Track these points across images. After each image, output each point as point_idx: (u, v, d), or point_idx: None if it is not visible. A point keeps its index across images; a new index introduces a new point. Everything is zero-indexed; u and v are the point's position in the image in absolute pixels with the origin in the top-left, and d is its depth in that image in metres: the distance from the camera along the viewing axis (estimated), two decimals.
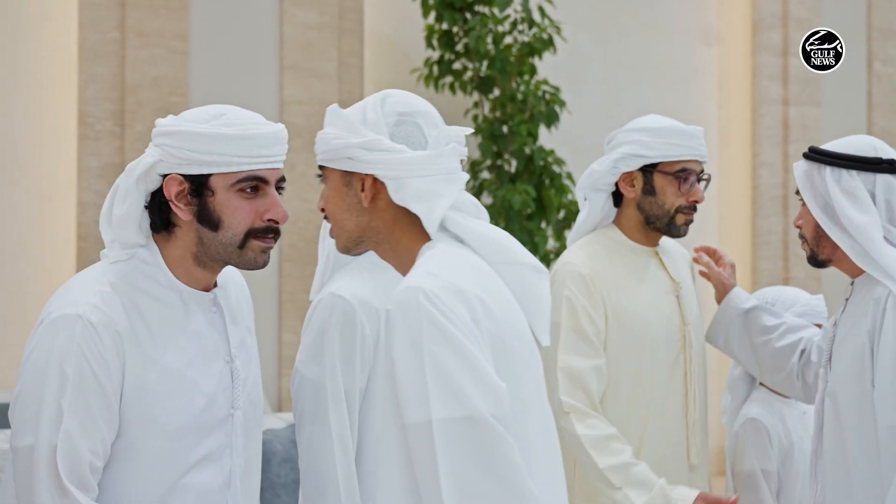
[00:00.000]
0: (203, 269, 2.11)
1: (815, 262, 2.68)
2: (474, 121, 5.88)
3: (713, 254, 3.02)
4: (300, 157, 5.38)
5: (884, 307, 2.45)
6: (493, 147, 5.72)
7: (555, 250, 5.79)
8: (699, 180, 2.85)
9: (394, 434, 1.74)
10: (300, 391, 2.37)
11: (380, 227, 1.93)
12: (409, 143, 1.91)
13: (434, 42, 5.81)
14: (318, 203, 1.99)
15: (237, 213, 2.05)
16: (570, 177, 5.81)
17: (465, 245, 1.90)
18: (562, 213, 5.81)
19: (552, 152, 5.75)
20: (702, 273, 3.03)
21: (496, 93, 5.85)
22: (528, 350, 1.87)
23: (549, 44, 5.78)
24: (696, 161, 2.84)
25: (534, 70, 5.80)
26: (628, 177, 2.84)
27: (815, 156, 2.60)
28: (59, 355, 1.96)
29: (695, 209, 2.85)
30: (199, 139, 2.01)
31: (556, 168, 5.77)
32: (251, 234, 2.07)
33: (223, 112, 2.07)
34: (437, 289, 1.75)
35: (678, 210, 2.83)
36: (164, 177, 2.05)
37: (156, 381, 2.02)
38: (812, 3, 7.06)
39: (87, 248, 5.06)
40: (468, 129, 1.96)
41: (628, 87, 6.71)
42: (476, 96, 5.94)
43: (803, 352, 2.86)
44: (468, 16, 5.78)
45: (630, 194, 2.85)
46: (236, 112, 2.08)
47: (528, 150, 5.67)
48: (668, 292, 2.88)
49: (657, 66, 6.85)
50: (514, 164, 5.78)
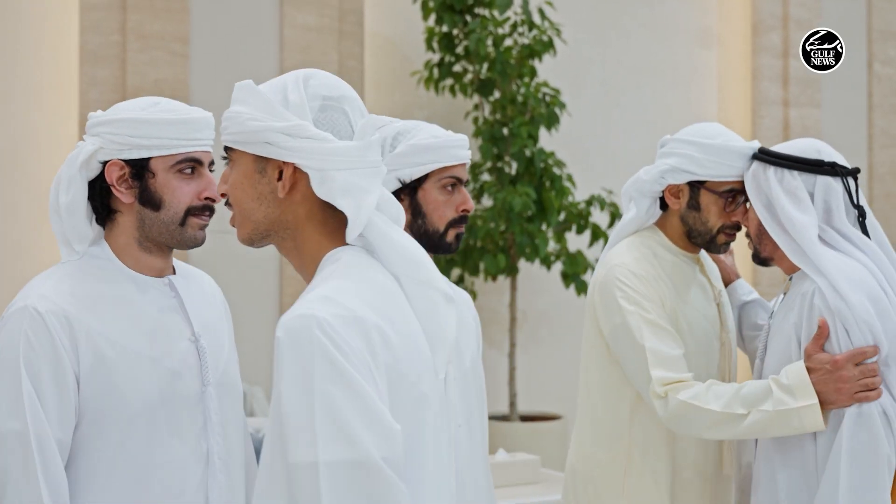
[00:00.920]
0: (149, 254, 2.21)
1: (758, 259, 2.73)
2: (474, 123, 5.88)
3: None
4: None
5: (810, 301, 2.50)
6: (494, 149, 5.73)
7: (555, 252, 5.79)
8: (746, 200, 2.76)
9: (278, 469, 1.59)
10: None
11: (290, 221, 1.77)
12: (335, 132, 1.76)
13: (434, 44, 5.81)
14: (218, 187, 1.85)
15: (177, 193, 2.17)
16: (570, 178, 5.81)
17: (373, 256, 1.76)
18: (562, 215, 5.82)
19: (552, 154, 5.76)
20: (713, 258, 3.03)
21: (496, 95, 5.85)
22: (429, 385, 1.72)
23: (549, 46, 5.79)
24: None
25: (534, 72, 5.80)
26: (675, 188, 2.77)
27: (763, 156, 2.66)
28: (9, 347, 2.07)
29: (738, 228, 2.79)
30: (140, 125, 2.14)
31: (556, 170, 5.78)
32: (190, 212, 2.18)
33: (157, 101, 2.20)
34: (332, 318, 1.60)
35: (720, 230, 2.76)
36: (105, 164, 2.17)
37: (115, 358, 2.10)
38: (812, 5, 7.07)
39: None
40: (393, 120, 1.80)
41: (628, 89, 6.71)
42: (476, 98, 5.95)
43: None
44: (468, 18, 5.79)
45: (675, 206, 2.79)
46: (168, 101, 2.21)
47: (528, 153, 5.68)
48: (711, 299, 2.86)
49: (657, 67, 6.86)
50: (514, 166, 5.79)
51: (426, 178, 2.49)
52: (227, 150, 1.79)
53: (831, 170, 2.61)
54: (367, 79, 5.89)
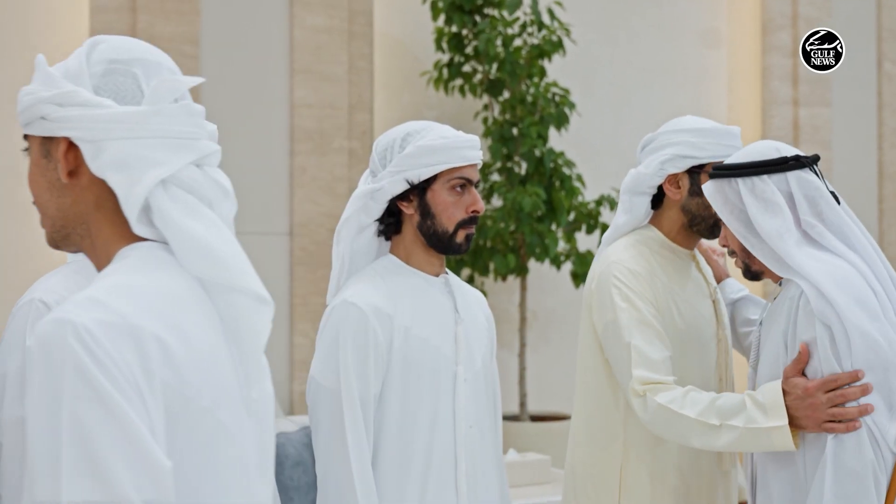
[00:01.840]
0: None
1: (750, 274, 2.66)
2: (484, 123, 5.89)
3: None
4: (310, 161, 5.40)
5: (797, 305, 2.45)
6: (503, 149, 5.73)
7: (565, 252, 5.80)
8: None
9: None
10: (316, 399, 2.39)
11: (84, 213, 1.49)
12: (118, 97, 1.49)
13: (444, 45, 5.82)
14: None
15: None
16: (580, 178, 5.81)
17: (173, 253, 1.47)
18: (572, 215, 5.82)
19: (562, 154, 5.76)
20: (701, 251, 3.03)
21: (506, 95, 5.86)
22: (228, 413, 1.44)
23: (558, 46, 5.79)
24: None
25: (543, 72, 5.81)
26: (674, 178, 2.81)
27: (723, 172, 2.58)
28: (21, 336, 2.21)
29: None
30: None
31: (566, 170, 5.78)
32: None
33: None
34: (94, 324, 1.30)
35: None
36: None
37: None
38: (822, 4, 7.06)
39: None
40: (198, 79, 1.50)
41: (638, 89, 6.71)
42: (486, 99, 5.95)
43: None
44: (478, 18, 5.79)
45: (675, 196, 2.82)
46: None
47: (538, 153, 5.68)
48: (706, 295, 2.87)
49: (667, 67, 6.85)
50: (524, 166, 5.79)
51: (435, 178, 2.50)
52: (25, 139, 1.54)
53: (797, 163, 2.54)
54: (376, 79, 5.90)
